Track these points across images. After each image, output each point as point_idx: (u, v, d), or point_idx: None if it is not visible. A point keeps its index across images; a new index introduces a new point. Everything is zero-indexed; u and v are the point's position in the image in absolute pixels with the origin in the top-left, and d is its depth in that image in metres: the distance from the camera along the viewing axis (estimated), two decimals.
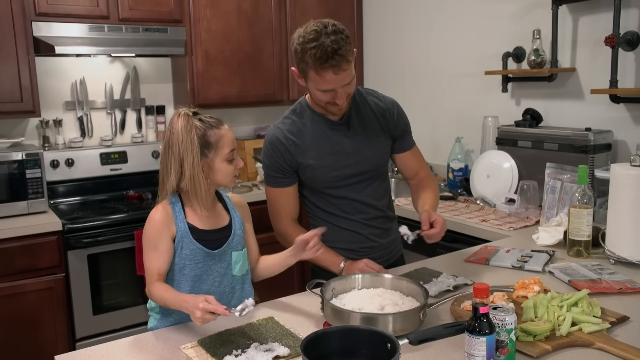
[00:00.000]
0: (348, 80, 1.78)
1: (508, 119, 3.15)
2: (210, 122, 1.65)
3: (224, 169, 1.66)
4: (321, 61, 1.70)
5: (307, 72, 1.78)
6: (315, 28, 1.73)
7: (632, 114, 2.67)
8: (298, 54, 1.76)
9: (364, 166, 1.98)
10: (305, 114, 1.97)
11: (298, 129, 1.95)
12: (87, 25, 3.13)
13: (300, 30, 1.78)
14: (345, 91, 1.80)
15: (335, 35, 1.70)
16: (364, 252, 2.03)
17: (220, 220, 1.74)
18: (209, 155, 1.63)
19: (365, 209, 2.02)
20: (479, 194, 3.05)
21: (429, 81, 3.65)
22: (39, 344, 2.85)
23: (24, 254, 2.80)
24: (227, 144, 1.65)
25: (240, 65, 3.70)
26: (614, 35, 2.54)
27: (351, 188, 1.99)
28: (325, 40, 1.69)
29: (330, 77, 1.74)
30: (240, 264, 1.76)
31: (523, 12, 3.08)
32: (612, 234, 2.07)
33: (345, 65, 1.73)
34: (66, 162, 3.37)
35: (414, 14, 3.76)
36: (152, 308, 1.75)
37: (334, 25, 1.74)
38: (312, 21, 1.78)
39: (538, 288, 1.72)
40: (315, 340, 1.27)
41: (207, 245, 1.68)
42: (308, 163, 1.94)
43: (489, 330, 1.23)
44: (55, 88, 3.45)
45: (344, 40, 1.71)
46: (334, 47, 1.69)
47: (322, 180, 1.97)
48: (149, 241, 1.65)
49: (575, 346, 1.42)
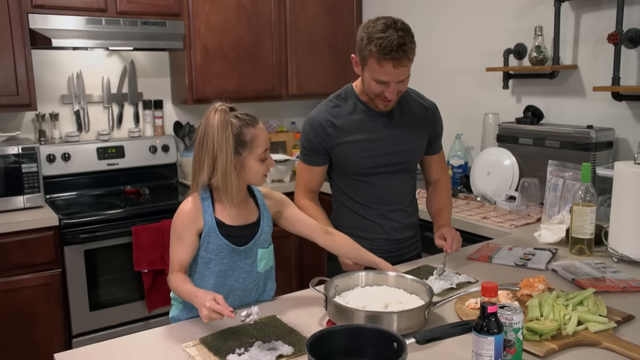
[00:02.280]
0: (403, 77, 1.87)
1: (509, 116, 3.13)
2: (246, 119, 1.62)
3: (256, 168, 1.64)
4: (385, 52, 1.79)
5: (368, 60, 1.85)
6: (386, 22, 1.83)
7: (634, 112, 2.66)
8: (363, 40, 1.85)
9: (397, 158, 2.05)
10: (349, 99, 2.04)
11: (339, 112, 2.03)
12: (84, 17, 3.10)
13: (369, 22, 1.88)
14: (397, 87, 1.89)
15: (404, 32, 1.81)
16: (378, 243, 2.07)
17: (249, 216, 1.71)
18: (243, 153, 1.61)
19: (388, 201, 2.08)
20: (479, 191, 3.04)
21: (429, 77, 3.63)
22: (35, 340, 2.82)
23: (20, 250, 2.77)
24: (262, 143, 1.63)
25: (239, 60, 3.67)
26: (617, 32, 2.52)
27: (380, 177, 2.05)
28: (393, 34, 1.79)
29: (389, 69, 1.82)
30: (265, 261, 1.74)
31: (525, 9, 3.06)
32: (615, 232, 2.06)
33: (406, 62, 1.82)
34: (62, 156, 3.33)
35: (415, 10, 3.73)
36: (175, 297, 1.74)
37: (403, 24, 1.84)
38: (380, 17, 1.88)
39: (542, 286, 1.70)
40: (321, 339, 1.25)
41: (233, 241, 1.66)
42: (344, 146, 2.01)
43: (497, 329, 1.21)
44: (52, 81, 3.41)
45: (409, 39, 1.82)
46: (400, 41, 1.78)
47: (354, 165, 2.03)
48: (176, 232, 1.64)
49: (582, 345, 1.40)
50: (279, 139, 4.11)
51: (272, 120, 4.18)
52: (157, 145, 3.65)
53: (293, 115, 4.31)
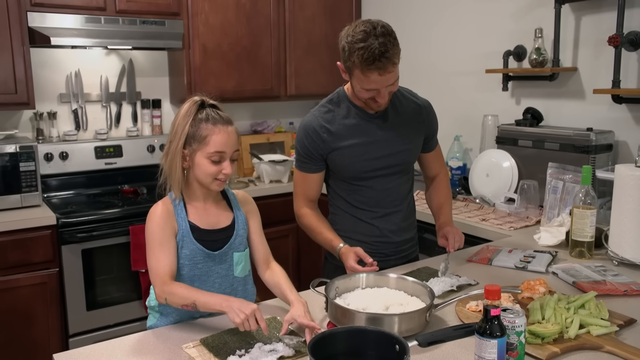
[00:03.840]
0: (392, 81, 1.82)
1: (508, 117, 3.13)
2: (211, 116, 1.60)
3: (205, 166, 1.59)
4: (368, 63, 1.74)
5: (353, 71, 1.81)
6: (365, 28, 1.75)
7: (634, 115, 2.66)
8: (345, 52, 1.79)
9: (394, 160, 2.02)
10: (342, 103, 2.01)
11: (333, 117, 1.99)
12: (83, 16, 3.08)
13: (349, 29, 1.80)
14: (388, 90, 1.85)
15: (384, 37, 1.73)
16: (376, 246, 2.05)
17: (222, 219, 1.70)
18: (193, 145, 1.59)
19: (385, 203, 2.06)
20: (478, 193, 3.04)
21: (428, 78, 3.63)
22: (31, 340, 2.81)
23: (17, 249, 2.75)
24: (215, 143, 1.58)
25: (238, 60, 3.66)
26: (617, 35, 2.52)
27: (377, 180, 2.03)
28: (373, 42, 1.72)
29: (375, 77, 1.78)
30: (242, 265, 1.72)
31: (525, 11, 3.06)
32: (615, 235, 2.06)
33: (391, 68, 1.77)
34: (60, 155, 3.32)
35: (414, 11, 3.73)
36: (152, 307, 1.71)
37: (382, 27, 1.76)
38: (361, 21, 1.80)
39: (543, 289, 1.70)
40: (323, 341, 1.25)
41: (207, 245, 1.64)
42: (340, 151, 1.98)
43: (500, 332, 1.21)
44: (50, 80, 3.39)
45: (391, 43, 1.74)
46: (382, 49, 1.72)
47: (351, 169, 2.00)
48: (154, 238, 1.59)
49: (584, 349, 1.40)
50: (277, 139, 4.10)
51: (270, 120, 4.16)
52: (155, 144, 3.64)
53: (291, 115, 4.30)
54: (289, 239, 3.60)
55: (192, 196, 1.66)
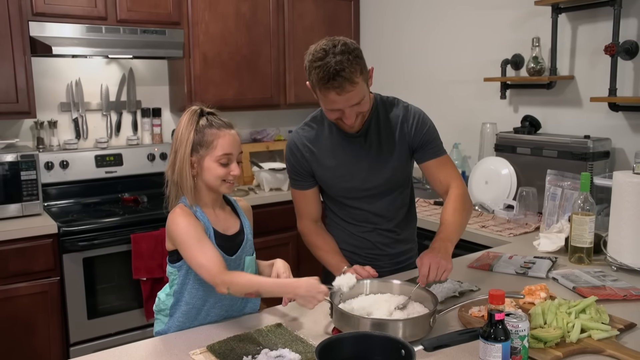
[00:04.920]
0: (356, 101, 1.73)
1: (506, 125, 3.16)
2: (214, 122, 1.64)
3: (214, 169, 1.62)
4: (323, 82, 1.67)
5: (315, 90, 1.76)
6: (325, 47, 1.68)
7: (630, 122, 2.70)
8: (306, 70, 1.74)
9: (377, 181, 1.95)
10: (325, 121, 1.94)
11: (316, 136, 1.95)
12: (84, 26, 3.11)
13: (312, 47, 1.73)
14: (354, 110, 1.76)
15: (342, 55, 1.65)
16: (370, 258, 2.02)
17: (231, 225, 1.73)
18: (201, 152, 1.62)
19: (376, 220, 2.01)
20: (477, 199, 3.06)
21: (427, 87, 3.66)
22: (32, 349, 2.81)
23: (18, 257, 2.76)
24: (223, 147, 1.62)
25: (238, 69, 3.68)
26: (613, 44, 2.56)
27: (364, 200, 1.98)
28: (330, 60, 1.65)
29: (333, 97, 1.70)
30: (252, 269, 1.75)
31: (522, 20, 3.10)
32: (614, 241, 2.08)
33: (349, 87, 1.67)
34: (61, 164, 3.33)
35: (413, 19, 3.77)
36: (159, 311, 1.73)
37: (343, 45, 1.68)
38: (326, 39, 1.72)
39: (544, 294, 1.72)
40: (330, 346, 1.26)
41: (225, 251, 1.66)
42: (322, 172, 1.95)
43: (504, 337, 1.23)
44: (50, 89, 3.41)
45: (349, 62, 1.65)
46: (337, 68, 1.64)
47: (335, 189, 1.98)
48: (191, 236, 1.57)
49: (586, 353, 1.42)
50: (277, 147, 4.12)
51: (270, 128, 4.19)
52: (155, 153, 3.65)
53: (290, 124, 4.33)
54: (289, 247, 3.61)
55: (202, 203, 1.68)
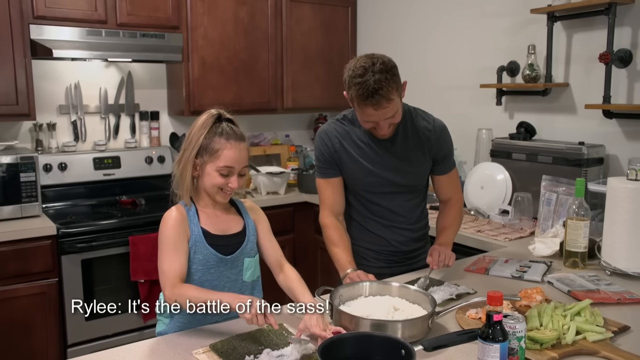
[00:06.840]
0: (390, 115, 1.87)
1: (502, 131, 3.20)
2: (226, 131, 1.65)
3: (213, 177, 1.65)
4: (362, 98, 1.80)
5: (352, 102, 1.89)
6: (364, 64, 1.80)
7: (623, 129, 2.74)
8: (346, 84, 1.86)
9: (399, 181, 2.07)
10: (356, 122, 2.04)
11: (346, 132, 2.07)
12: (84, 29, 3.12)
13: (352, 63, 1.86)
14: (388, 122, 1.90)
15: (381, 74, 1.77)
16: (384, 255, 2.12)
17: (234, 226, 1.75)
18: (205, 157, 1.65)
19: (392, 217, 2.11)
20: (472, 204, 3.09)
21: (423, 92, 3.69)
22: (30, 349, 2.81)
23: (17, 259, 2.77)
24: (225, 158, 1.64)
25: (236, 73, 3.71)
26: (607, 52, 2.60)
27: (383, 197, 2.09)
28: (369, 78, 1.77)
29: (370, 111, 1.84)
30: (252, 270, 1.77)
31: (518, 28, 3.14)
32: (608, 246, 2.12)
33: (386, 104, 1.81)
34: (59, 166, 3.34)
35: (409, 26, 3.81)
36: (161, 312, 1.75)
37: (382, 64, 1.80)
38: (365, 55, 1.84)
39: (540, 297, 1.75)
40: (331, 346, 1.29)
41: (220, 250, 1.68)
42: (348, 166, 2.06)
43: (502, 337, 1.26)
44: (50, 91, 3.42)
45: (387, 80, 1.78)
46: (376, 87, 1.76)
47: (356, 185, 2.08)
48: (168, 241, 1.63)
49: (581, 354, 1.45)
50: (274, 151, 4.14)
51: (267, 132, 4.21)
52: (153, 156, 3.67)
53: (288, 128, 4.36)
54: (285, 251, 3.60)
55: (202, 203, 1.72)
